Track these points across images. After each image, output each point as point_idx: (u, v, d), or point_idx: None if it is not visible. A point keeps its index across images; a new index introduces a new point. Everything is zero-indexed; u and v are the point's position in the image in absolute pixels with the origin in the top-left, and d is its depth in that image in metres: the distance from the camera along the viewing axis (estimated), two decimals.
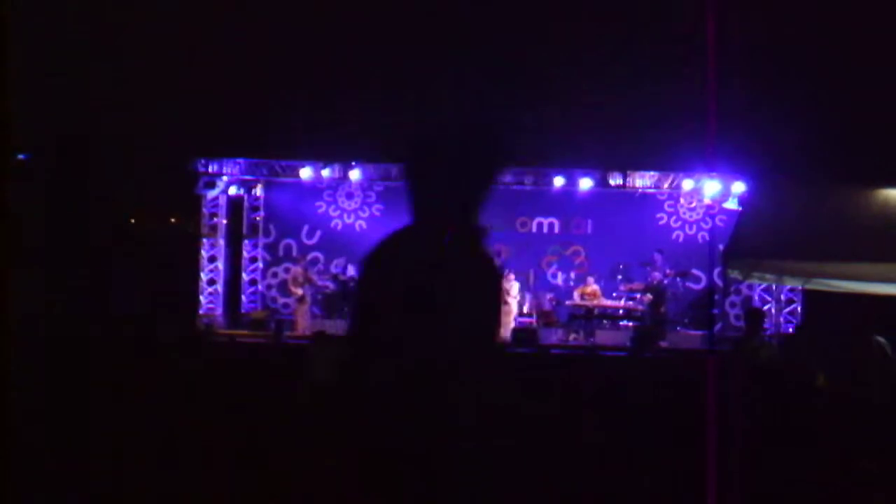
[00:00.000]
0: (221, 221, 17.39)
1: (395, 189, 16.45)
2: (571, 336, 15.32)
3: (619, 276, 15.90)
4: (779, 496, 5.95)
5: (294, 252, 17.41)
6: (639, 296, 15.44)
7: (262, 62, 17.78)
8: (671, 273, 15.41)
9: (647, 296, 15.18)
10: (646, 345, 13.51)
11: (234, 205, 17.89)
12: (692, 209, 17.23)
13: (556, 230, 17.45)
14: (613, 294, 15.78)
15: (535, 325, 15.49)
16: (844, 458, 6.61)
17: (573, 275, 16.69)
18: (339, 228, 17.62)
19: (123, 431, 7.32)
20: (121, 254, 18.79)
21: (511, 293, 15.43)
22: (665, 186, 16.74)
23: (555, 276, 17.21)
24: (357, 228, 17.52)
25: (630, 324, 15.45)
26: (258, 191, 17.80)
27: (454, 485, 2.55)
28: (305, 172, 16.40)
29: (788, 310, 16.20)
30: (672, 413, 7.32)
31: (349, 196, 17.63)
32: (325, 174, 16.39)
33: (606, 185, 16.41)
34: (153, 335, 12.48)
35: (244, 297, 17.82)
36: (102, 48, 17.13)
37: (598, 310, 15.50)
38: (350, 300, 15.67)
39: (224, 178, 17.02)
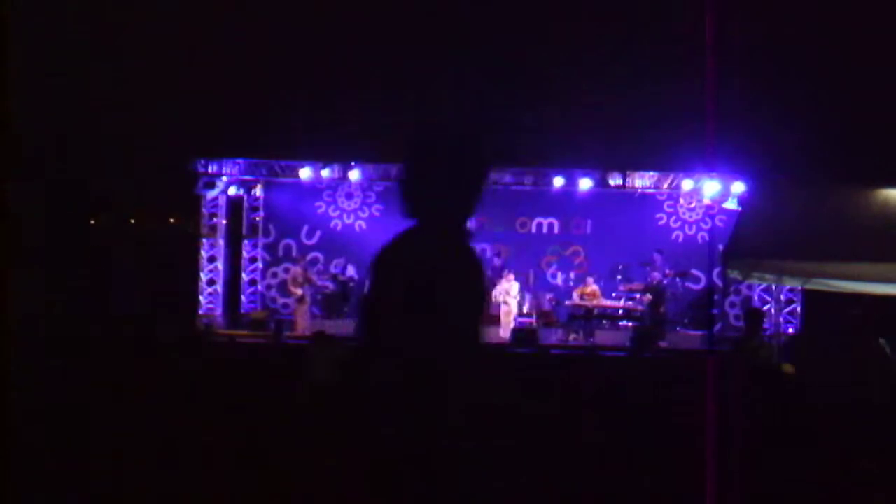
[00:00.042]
0: (221, 221, 17.38)
1: (396, 189, 16.41)
2: (571, 336, 15.32)
3: (619, 277, 15.89)
4: (779, 496, 5.95)
5: (294, 252, 17.40)
6: (638, 296, 15.43)
7: (262, 62, 17.79)
8: (671, 273, 15.41)
9: (647, 296, 15.17)
10: (645, 345, 13.52)
11: (234, 205, 17.88)
12: (692, 209, 17.23)
13: (556, 230, 17.45)
14: (613, 294, 15.78)
15: (535, 325, 15.48)
16: (844, 458, 6.61)
17: (573, 275, 16.69)
18: (339, 229, 17.62)
19: (123, 431, 7.32)
20: (121, 254, 18.78)
21: (511, 293, 15.43)
22: (665, 186, 16.73)
23: (554, 277, 17.22)
24: (357, 229, 17.52)
25: (630, 324, 15.45)
26: (258, 191, 17.79)
27: (454, 485, 2.55)
28: (305, 172, 16.39)
29: (788, 310, 16.19)
30: (672, 413, 7.32)
31: (349, 196, 17.62)
32: (325, 174, 16.37)
33: (606, 186, 16.40)
34: (153, 335, 12.48)
35: (244, 298, 17.81)
36: (102, 48, 17.13)
37: (598, 310, 15.50)
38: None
39: (224, 179, 17.00)
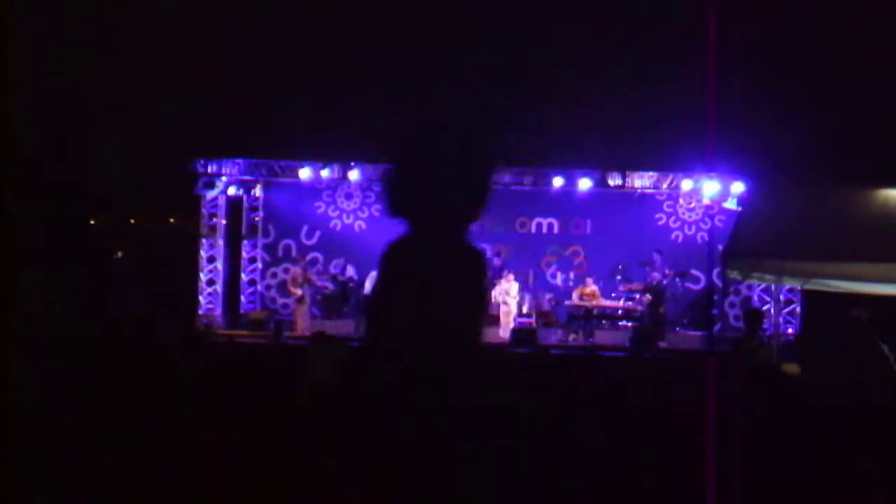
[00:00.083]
0: (221, 222, 17.38)
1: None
2: (571, 336, 15.32)
3: (619, 277, 15.89)
4: (779, 496, 5.95)
5: (293, 252, 17.40)
6: (638, 296, 15.44)
7: (262, 62, 17.79)
8: (670, 273, 15.41)
9: (647, 296, 15.18)
10: (645, 345, 13.52)
11: (234, 205, 17.88)
12: (691, 209, 17.24)
13: (556, 230, 17.45)
14: (612, 294, 15.78)
15: (535, 326, 15.49)
16: (844, 458, 6.62)
17: (572, 275, 16.69)
18: (339, 229, 17.62)
19: (123, 431, 7.31)
20: (121, 254, 18.79)
21: (511, 293, 15.43)
22: (664, 187, 16.74)
23: (554, 277, 17.22)
24: (356, 229, 17.52)
25: (629, 324, 15.45)
26: (257, 191, 17.80)
27: (454, 485, 2.55)
28: (304, 173, 16.39)
29: (788, 310, 16.20)
30: (672, 413, 7.32)
31: (348, 196, 17.62)
32: (325, 174, 16.37)
33: (606, 186, 16.41)
34: (153, 335, 12.48)
35: (243, 298, 17.81)
36: (102, 48, 17.13)
37: (598, 310, 15.50)
38: (355, 304, 15.69)
39: (223, 179, 17.01)
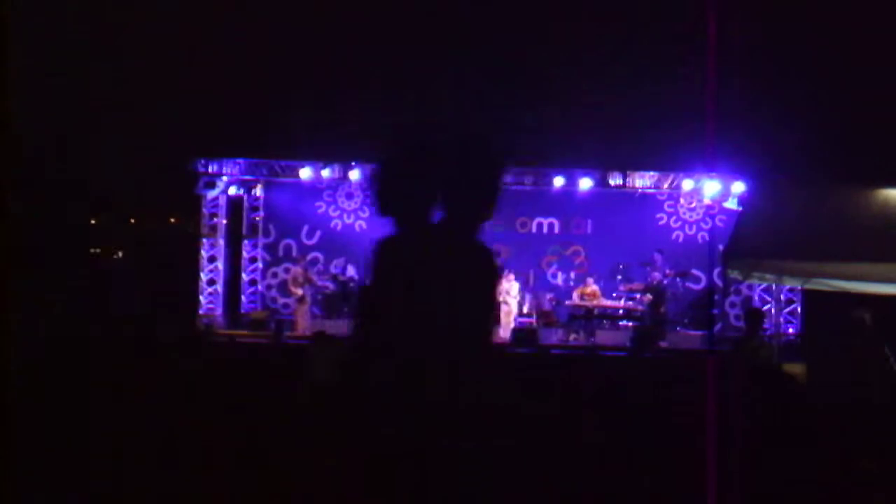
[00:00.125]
0: (221, 221, 17.39)
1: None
2: (571, 336, 15.32)
3: (619, 277, 15.89)
4: (779, 496, 5.95)
5: (294, 252, 17.40)
6: (638, 296, 15.43)
7: (262, 62, 17.80)
8: (671, 273, 15.41)
9: (647, 296, 15.17)
10: (646, 345, 13.51)
11: (234, 205, 17.89)
12: (692, 209, 17.23)
13: (556, 230, 17.45)
14: (613, 294, 15.77)
15: (535, 325, 15.48)
16: (844, 458, 6.61)
17: (573, 275, 16.69)
18: (339, 229, 17.62)
19: (123, 431, 7.31)
20: (121, 254, 18.80)
21: (511, 293, 15.43)
22: (665, 186, 16.75)
23: (555, 277, 17.22)
24: (357, 229, 17.52)
25: (630, 324, 15.45)
26: (258, 191, 17.80)
27: (454, 484, 2.55)
28: (305, 172, 16.39)
29: (788, 310, 16.20)
30: (672, 413, 7.32)
31: (349, 196, 17.62)
32: (325, 174, 16.37)
33: (606, 186, 16.41)
34: (153, 335, 12.48)
35: (244, 298, 17.81)
36: (102, 48, 17.14)
37: (598, 310, 15.50)
38: (353, 303, 15.68)
39: (224, 179, 17.01)
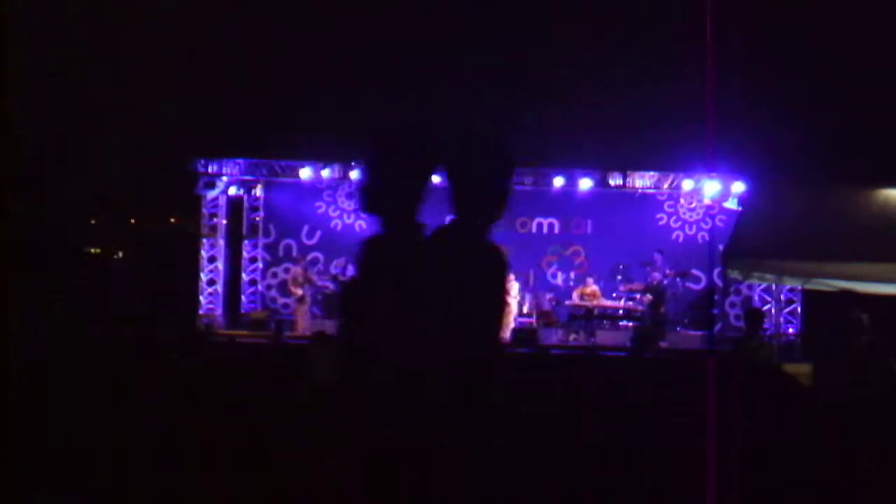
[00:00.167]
0: (221, 222, 17.39)
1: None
2: (571, 336, 15.32)
3: (619, 277, 15.89)
4: (779, 496, 5.95)
5: (294, 252, 17.40)
6: (638, 296, 15.43)
7: (262, 62, 17.79)
8: (671, 273, 15.41)
9: (647, 296, 15.17)
10: (646, 345, 13.50)
11: (234, 205, 17.89)
12: (692, 209, 17.23)
13: (556, 230, 17.44)
14: (613, 294, 15.77)
15: (535, 326, 15.48)
16: (844, 458, 6.61)
17: (573, 275, 16.68)
18: (339, 229, 17.61)
19: (123, 431, 7.31)
20: (121, 254, 18.80)
21: (511, 293, 15.42)
22: (665, 187, 16.75)
23: (554, 277, 17.21)
24: (357, 229, 17.50)
25: (630, 324, 15.45)
26: (258, 191, 17.79)
27: (453, 484, 2.55)
28: (305, 172, 16.39)
29: (788, 310, 16.20)
30: (672, 413, 7.31)
31: (349, 196, 17.60)
32: (325, 174, 16.37)
33: (606, 186, 16.41)
34: (153, 335, 12.48)
35: (244, 298, 17.81)
36: (102, 48, 17.14)
37: (598, 310, 15.49)
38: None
39: (224, 179, 17.01)
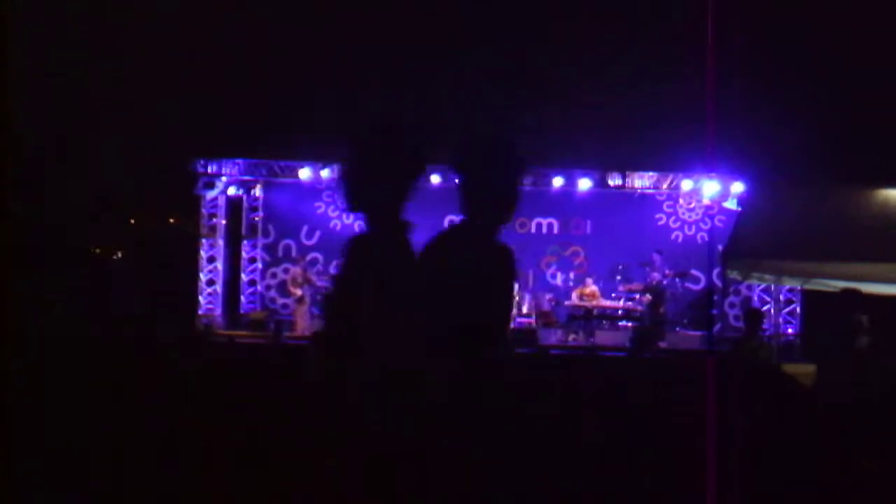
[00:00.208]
0: (220, 222, 17.39)
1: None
2: (571, 336, 15.32)
3: (619, 277, 15.89)
4: (779, 496, 5.95)
5: (293, 252, 17.39)
6: (638, 296, 15.44)
7: (262, 62, 17.79)
8: (670, 273, 15.42)
9: (647, 296, 15.18)
10: (645, 345, 13.52)
11: (234, 205, 17.88)
12: (691, 210, 17.23)
13: (556, 231, 17.44)
14: (612, 294, 15.78)
15: (535, 326, 15.48)
16: (844, 458, 6.61)
17: (572, 275, 16.68)
18: (339, 229, 17.59)
19: (123, 431, 7.31)
20: (121, 254, 18.79)
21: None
22: (664, 187, 16.76)
23: (554, 277, 17.21)
24: (356, 229, 17.39)
25: (629, 324, 15.46)
26: (257, 191, 17.79)
27: (453, 485, 2.55)
28: (304, 173, 16.38)
29: (788, 310, 16.21)
30: (672, 413, 7.31)
31: None
32: (325, 174, 16.36)
33: (605, 186, 16.42)
34: (153, 335, 12.48)
35: (243, 298, 17.81)
36: (102, 48, 17.14)
37: (598, 310, 15.50)
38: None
39: (223, 179, 17.01)
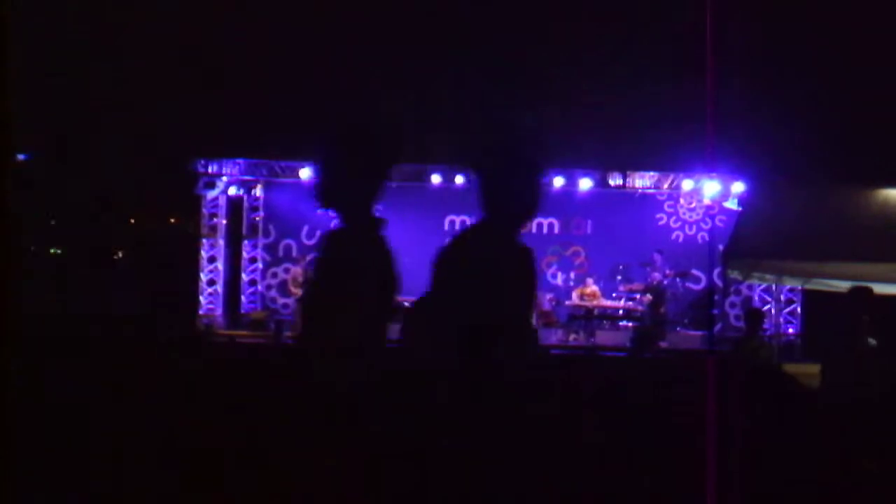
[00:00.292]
0: (221, 222, 17.39)
1: (394, 190, 16.45)
2: (571, 336, 15.32)
3: (619, 277, 15.89)
4: (779, 496, 5.95)
5: (294, 252, 17.39)
6: (638, 296, 15.44)
7: (262, 62, 17.79)
8: (671, 273, 15.42)
9: (647, 296, 15.18)
10: (645, 345, 13.51)
11: (234, 205, 17.89)
12: (692, 209, 17.24)
13: (556, 230, 17.43)
14: (613, 294, 15.78)
15: (535, 326, 15.48)
16: (844, 458, 6.61)
17: (573, 275, 16.68)
18: None
19: (123, 431, 7.31)
20: (121, 254, 18.79)
21: None
22: (665, 187, 16.76)
23: (554, 277, 17.20)
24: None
25: (630, 324, 15.46)
26: (258, 191, 17.79)
27: (452, 485, 2.55)
28: (305, 173, 16.38)
29: (788, 310, 16.21)
30: (672, 413, 7.31)
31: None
32: None
33: (606, 186, 16.43)
34: (153, 335, 12.47)
35: (244, 298, 17.81)
36: (102, 48, 17.14)
37: (598, 310, 15.50)
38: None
39: (224, 179, 17.02)
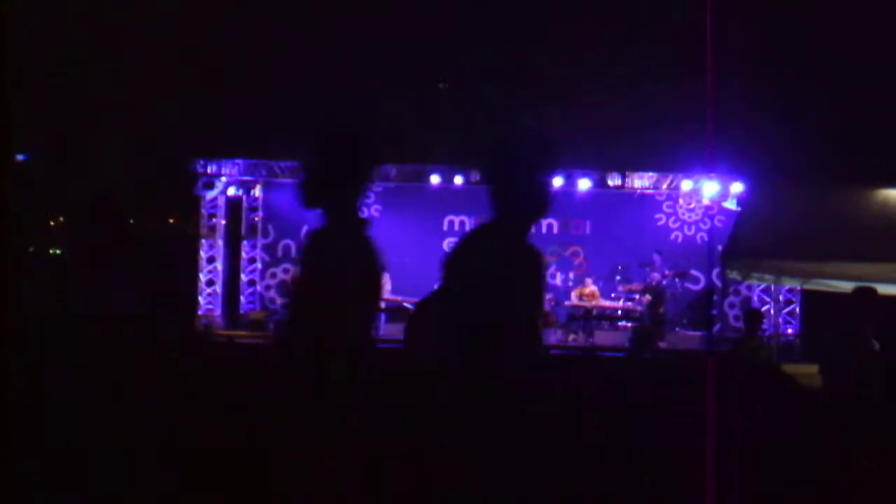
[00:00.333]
0: (220, 222, 17.39)
1: (394, 190, 16.47)
2: (570, 337, 15.31)
3: (618, 277, 15.88)
4: (779, 496, 5.95)
5: (293, 253, 17.38)
6: (637, 296, 15.44)
7: (262, 62, 17.79)
8: (670, 274, 15.42)
9: (646, 296, 15.18)
10: (645, 345, 13.52)
11: (233, 205, 17.88)
12: (691, 210, 17.24)
13: (555, 231, 17.42)
14: (612, 295, 15.77)
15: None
16: (844, 458, 6.61)
17: (572, 275, 16.67)
18: None
19: (123, 431, 7.31)
20: (121, 254, 18.78)
21: None
22: (664, 187, 16.76)
23: (553, 277, 17.19)
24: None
25: (629, 324, 15.45)
26: (257, 191, 17.78)
27: (452, 485, 2.55)
28: None
29: (787, 310, 16.21)
30: (672, 413, 7.31)
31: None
32: None
33: (605, 186, 16.43)
34: (153, 335, 12.47)
35: (243, 298, 17.80)
36: (102, 48, 17.14)
37: (597, 310, 15.49)
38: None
39: (223, 179, 17.01)
